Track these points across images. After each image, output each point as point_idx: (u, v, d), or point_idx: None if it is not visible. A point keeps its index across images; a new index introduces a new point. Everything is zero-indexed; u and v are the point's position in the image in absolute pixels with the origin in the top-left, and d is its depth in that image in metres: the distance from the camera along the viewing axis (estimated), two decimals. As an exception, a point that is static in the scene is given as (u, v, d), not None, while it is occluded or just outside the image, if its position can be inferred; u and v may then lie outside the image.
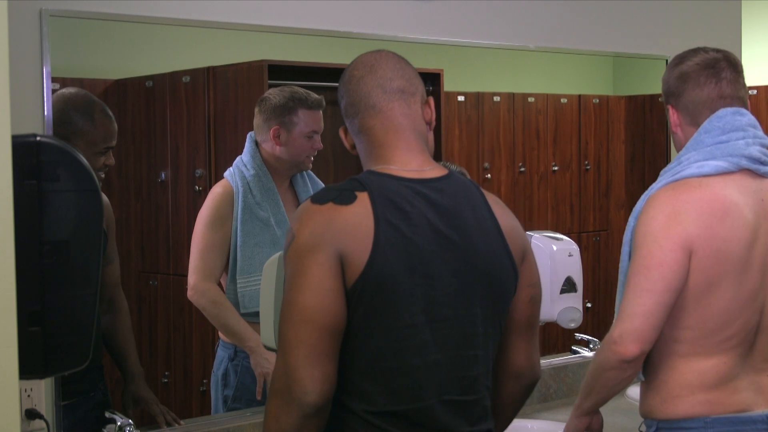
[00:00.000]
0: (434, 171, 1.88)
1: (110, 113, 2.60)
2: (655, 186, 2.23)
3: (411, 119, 1.90)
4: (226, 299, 2.86)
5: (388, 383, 1.77)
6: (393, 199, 1.79)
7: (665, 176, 2.23)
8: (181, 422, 2.73)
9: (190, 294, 2.88)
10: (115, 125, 2.61)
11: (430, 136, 1.96)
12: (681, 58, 2.32)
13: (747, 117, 2.24)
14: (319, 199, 1.80)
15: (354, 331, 1.76)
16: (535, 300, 1.96)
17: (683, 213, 2.12)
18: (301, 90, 2.95)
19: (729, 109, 2.23)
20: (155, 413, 2.72)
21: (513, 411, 2.04)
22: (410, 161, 1.87)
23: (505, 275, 1.88)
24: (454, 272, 1.81)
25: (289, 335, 1.72)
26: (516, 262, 1.89)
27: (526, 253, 1.94)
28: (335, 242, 1.73)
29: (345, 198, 1.78)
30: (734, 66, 2.29)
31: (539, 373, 2.02)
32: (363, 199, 1.78)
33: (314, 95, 2.96)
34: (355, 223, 1.75)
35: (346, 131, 1.95)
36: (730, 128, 2.20)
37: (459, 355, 1.82)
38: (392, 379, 1.77)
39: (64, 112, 2.52)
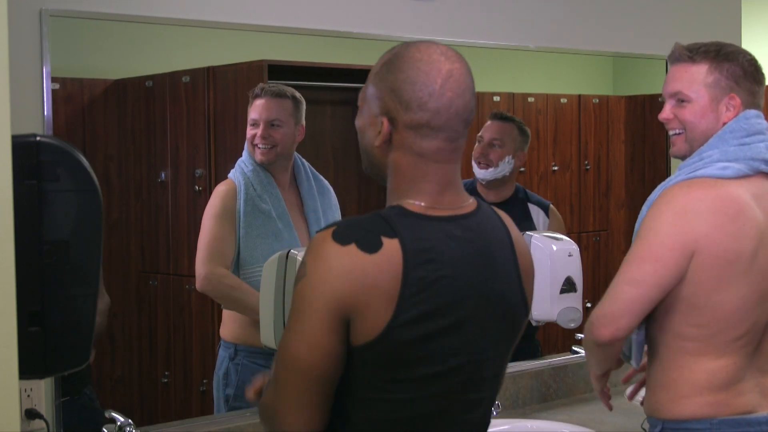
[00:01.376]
0: (466, 206, 1.70)
1: None
2: (672, 179, 2.23)
3: (461, 154, 1.71)
4: (242, 281, 2.84)
5: (396, 430, 1.66)
6: (426, 247, 1.60)
7: (684, 170, 2.23)
8: None
9: (202, 285, 2.85)
10: None
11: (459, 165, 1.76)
12: (744, 51, 2.29)
13: (764, 121, 2.27)
14: (340, 237, 1.58)
15: (366, 383, 1.63)
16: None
17: (694, 211, 2.13)
18: (273, 84, 2.95)
19: (754, 111, 2.25)
20: None
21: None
22: (445, 195, 1.67)
23: (519, 316, 1.77)
24: (475, 318, 1.66)
25: (279, 376, 1.63)
26: (528, 303, 1.79)
27: (532, 292, 1.83)
28: (347, 295, 1.56)
29: (371, 244, 1.57)
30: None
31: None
32: (391, 248, 1.57)
33: (270, 86, 2.93)
34: (378, 277, 1.56)
35: (393, 126, 1.67)
36: (753, 131, 2.22)
37: (466, 399, 1.71)
38: (400, 427, 1.66)
39: None
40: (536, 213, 3.50)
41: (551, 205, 3.57)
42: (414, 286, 1.58)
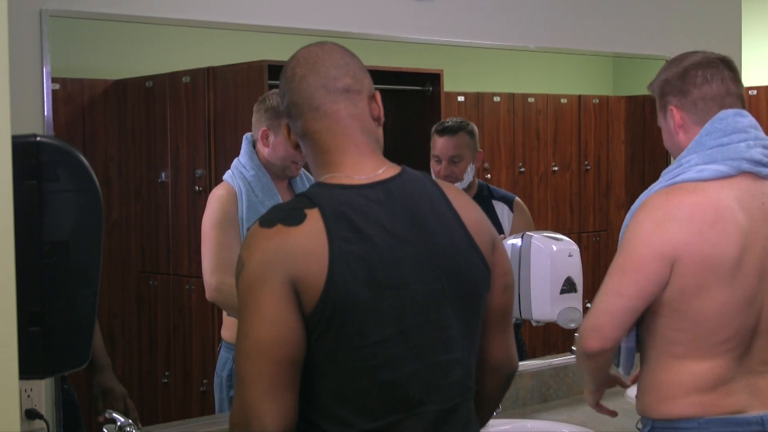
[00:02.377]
0: (386, 171, 1.77)
1: None
2: (653, 187, 2.23)
3: (359, 119, 1.79)
4: None
5: (364, 402, 1.69)
6: (344, 211, 1.68)
7: (664, 177, 2.23)
8: (141, 427, 2.56)
9: (213, 295, 2.82)
10: None
11: (380, 132, 1.84)
12: (680, 58, 2.31)
13: (748, 118, 2.23)
14: (267, 221, 1.69)
15: (320, 355, 1.67)
16: (508, 288, 1.88)
17: (672, 219, 2.13)
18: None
19: (730, 111, 2.22)
20: (120, 409, 2.54)
21: (493, 405, 1.98)
22: (361, 165, 1.76)
23: (475, 271, 1.78)
24: (420, 277, 1.71)
25: (245, 369, 1.64)
26: (485, 255, 1.80)
27: (495, 243, 1.84)
28: (287, 269, 1.63)
29: (294, 218, 1.67)
30: (732, 66, 2.29)
31: (516, 364, 1.94)
32: (313, 216, 1.67)
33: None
34: (307, 244, 1.64)
35: (289, 130, 1.84)
36: (731, 130, 2.19)
37: (436, 362, 1.74)
38: (367, 398, 1.69)
39: None
40: (501, 209, 3.41)
41: (516, 199, 3.45)
42: (339, 247, 1.65)
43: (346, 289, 1.64)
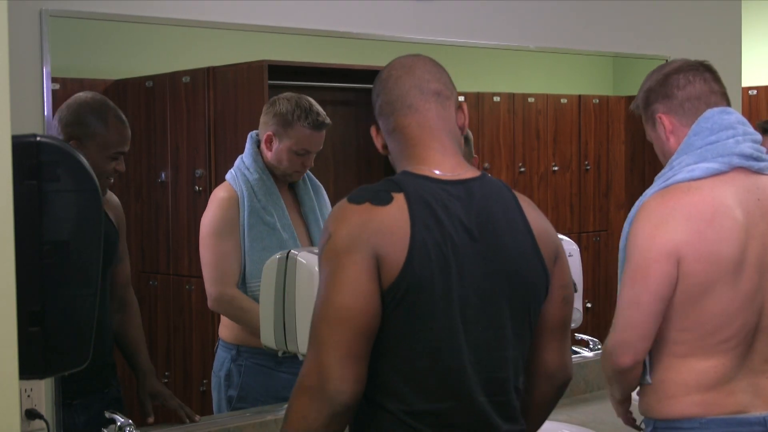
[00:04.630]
0: (468, 173, 1.89)
1: (124, 118, 2.59)
2: (648, 192, 2.23)
3: (446, 121, 1.91)
4: (254, 302, 2.78)
5: (423, 383, 1.78)
6: (428, 200, 1.79)
7: (658, 182, 2.24)
8: (198, 417, 2.77)
9: (213, 306, 2.85)
10: (129, 131, 2.60)
11: (462, 139, 1.97)
12: (659, 68, 2.34)
13: (734, 115, 2.23)
14: (355, 198, 1.80)
15: (390, 331, 1.76)
16: (568, 300, 1.97)
17: (670, 220, 2.13)
18: (314, 107, 2.88)
19: (716, 109, 2.22)
20: (174, 407, 2.76)
21: (545, 411, 2.04)
22: (444, 162, 1.87)
23: (535, 276, 1.88)
24: (485, 274, 1.82)
25: (324, 334, 1.72)
26: (547, 264, 1.90)
27: (559, 255, 1.95)
28: (372, 243, 1.74)
29: (382, 199, 1.78)
30: (711, 69, 2.31)
31: (571, 373, 2.01)
32: (399, 200, 1.78)
33: (322, 115, 2.88)
34: (392, 224, 1.75)
35: (378, 129, 1.95)
36: (718, 128, 2.19)
37: (490, 357, 1.83)
38: (427, 379, 1.78)
39: (78, 114, 2.52)
40: None
41: None
42: (420, 231, 1.75)
43: (422, 272, 1.75)
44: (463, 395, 1.80)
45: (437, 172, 1.85)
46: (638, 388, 2.28)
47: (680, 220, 2.13)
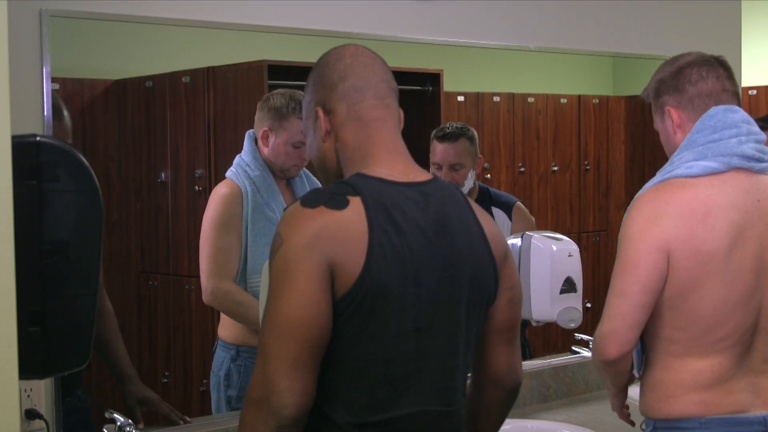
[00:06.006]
0: (421, 175, 1.83)
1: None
2: (646, 186, 2.24)
3: (400, 122, 1.87)
4: (250, 296, 2.80)
5: (374, 392, 1.72)
6: (385, 204, 1.72)
7: (657, 176, 2.24)
8: (188, 419, 2.74)
9: (208, 299, 2.83)
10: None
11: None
12: (674, 59, 2.32)
13: (740, 113, 2.23)
14: (309, 202, 1.71)
15: (344, 339, 1.70)
16: (515, 302, 1.90)
17: (663, 214, 2.13)
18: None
19: (720, 107, 2.22)
20: (165, 412, 2.73)
21: (498, 418, 1.98)
22: (399, 164, 1.81)
23: (488, 281, 1.83)
24: (441, 279, 1.76)
25: (271, 345, 1.66)
26: (498, 267, 1.85)
27: (507, 256, 1.89)
28: (327, 251, 1.66)
29: (337, 202, 1.70)
30: (726, 66, 2.29)
31: (521, 377, 1.95)
32: (355, 204, 1.70)
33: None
34: (349, 229, 1.68)
35: (326, 111, 1.83)
36: (722, 126, 2.19)
37: (442, 366, 1.78)
38: (378, 388, 1.72)
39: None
40: (500, 217, 3.37)
41: (516, 203, 3.42)
42: (378, 236, 1.69)
43: (380, 279, 1.68)
44: (414, 405, 1.74)
45: (392, 174, 1.78)
46: (638, 389, 2.28)
47: (672, 215, 2.13)
